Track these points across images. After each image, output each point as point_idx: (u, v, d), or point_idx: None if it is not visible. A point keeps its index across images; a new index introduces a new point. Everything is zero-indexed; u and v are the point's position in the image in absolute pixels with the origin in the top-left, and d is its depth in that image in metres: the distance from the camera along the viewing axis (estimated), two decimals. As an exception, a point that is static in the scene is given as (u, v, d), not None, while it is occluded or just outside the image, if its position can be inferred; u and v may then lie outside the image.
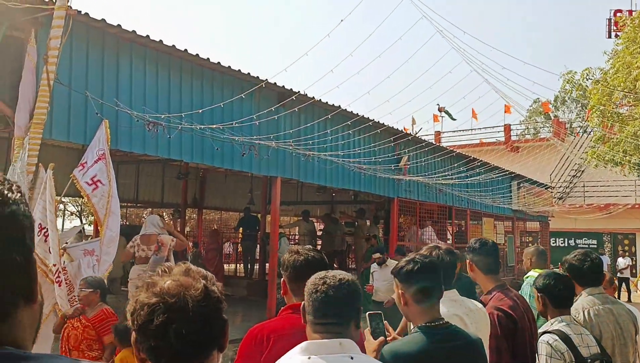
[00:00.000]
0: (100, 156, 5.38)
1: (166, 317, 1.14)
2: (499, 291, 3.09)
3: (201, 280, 1.22)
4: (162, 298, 1.16)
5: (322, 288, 1.82)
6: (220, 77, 7.61)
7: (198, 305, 1.17)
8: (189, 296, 1.17)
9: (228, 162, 7.66)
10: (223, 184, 16.95)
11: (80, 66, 6.03)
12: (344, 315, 1.81)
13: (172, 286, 1.19)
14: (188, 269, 1.25)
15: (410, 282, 2.25)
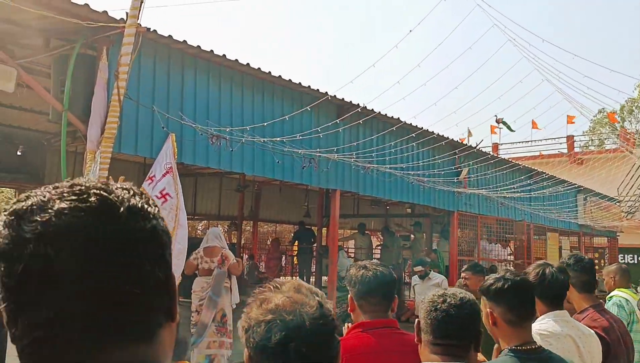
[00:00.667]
0: (167, 170, 5.47)
1: (284, 335, 1.10)
2: (593, 311, 2.88)
3: (315, 297, 1.17)
4: (278, 315, 1.12)
5: (442, 307, 1.74)
6: (280, 90, 7.66)
7: (315, 323, 1.12)
8: (305, 313, 1.13)
9: (288, 175, 7.67)
10: (278, 196, 17.07)
11: (147, 81, 6.18)
12: (465, 336, 1.72)
13: (286, 302, 1.15)
14: (299, 285, 1.21)
15: (500, 301, 2.12)
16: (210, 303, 6.46)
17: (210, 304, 6.46)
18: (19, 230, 0.64)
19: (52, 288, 0.63)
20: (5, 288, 0.65)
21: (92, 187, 0.68)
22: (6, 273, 0.65)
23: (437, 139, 9.63)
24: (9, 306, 0.65)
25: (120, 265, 0.66)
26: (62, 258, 0.63)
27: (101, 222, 0.65)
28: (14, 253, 0.64)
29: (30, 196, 0.69)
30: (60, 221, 0.64)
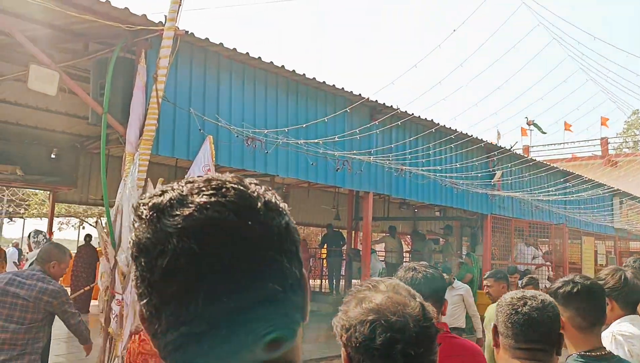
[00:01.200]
0: (206, 172, 5.48)
1: (389, 336, 1.07)
2: None
3: (415, 299, 1.14)
4: (381, 315, 1.10)
5: (524, 310, 1.68)
6: (314, 92, 7.63)
7: (419, 325, 1.10)
8: (408, 314, 1.10)
9: (322, 177, 7.63)
10: (306, 199, 17.07)
11: (184, 83, 6.21)
12: (548, 340, 1.66)
13: (388, 302, 1.12)
14: (397, 285, 1.17)
15: (569, 305, 2.05)
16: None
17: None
18: (160, 224, 0.63)
19: (198, 283, 0.61)
20: (146, 282, 0.63)
21: (228, 181, 0.66)
22: (147, 268, 0.63)
23: (474, 142, 9.50)
24: (152, 302, 0.63)
25: (263, 261, 0.63)
26: (206, 252, 0.61)
27: (242, 217, 0.63)
28: (156, 247, 0.62)
29: (167, 191, 0.67)
30: (202, 216, 0.62)
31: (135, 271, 0.65)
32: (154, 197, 0.67)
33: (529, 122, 22.78)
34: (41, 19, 6.24)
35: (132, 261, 0.66)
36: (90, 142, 12.61)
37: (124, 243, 5.45)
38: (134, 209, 0.68)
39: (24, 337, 3.93)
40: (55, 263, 4.16)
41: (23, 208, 23.77)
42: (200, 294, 0.61)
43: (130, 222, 5.52)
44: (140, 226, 0.65)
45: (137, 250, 0.65)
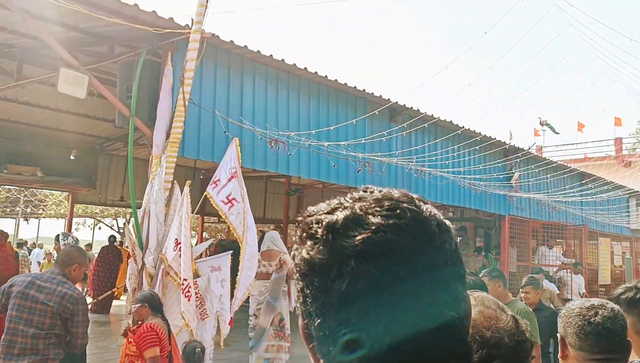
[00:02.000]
0: (233, 174, 5.51)
1: (485, 353, 1.03)
2: None
3: (505, 312, 1.11)
4: (476, 331, 1.05)
5: (596, 320, 1.67)
6: (335, 94, 7.66)
7: (514, 340, 1.06)
8: (502, 329, 1.07)
9: (343, 178, 7.65)
10: (320, 200, 17.01)
11: (209, 85, 6.26)
12: (621, 348, 1.66)
13: (480, 317, 1.08)
14: (485, 297, 1.15)
15: (631, 311, 2.05)
16: (268, 308, 6.48)
17: (268, 308, 6.49)
18: (336, 245, 0.62)
19: (377, 307, 0.60)
20: (320, 303, 0.63)
21: (401, 201, 0.65)
22: (322, 289, 0.63)
23: (496, 144, 9.48)
24: (326, 324, 0.63)
25: (440, 287, 0.63)
26: (385, 277, 0.60)
27: (418, 240, 0.62)
28: (332, 268, 0.62)
29: (337, 209, 0.67)
30: (380, 239, 0.61)
31: (305, 289, 0.65)
32: (324, 215, 0.67)
33: (542, 122, 22.67)
34: (68, 22, 6.32)
35: (300, 279, 0.66)
36: (109, 144, 12.73)
37: (151, 244, 5.50)
38: (305, 226, 0.67)
39: (44, 342, 3.84)
40: (77, 266, 4.11)
41: (41, 209, 24.01)
42: (380, 320, 0.60)
43: (157, 223, 5.58)
44: (313, 245, 0.65)
45: (310, 269, 0.64)
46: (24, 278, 3.96)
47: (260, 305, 6.56)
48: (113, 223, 26.10)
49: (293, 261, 0.71)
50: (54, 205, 23.53)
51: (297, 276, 0.67)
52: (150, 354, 4.30)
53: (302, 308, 0.67)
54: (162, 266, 5.41)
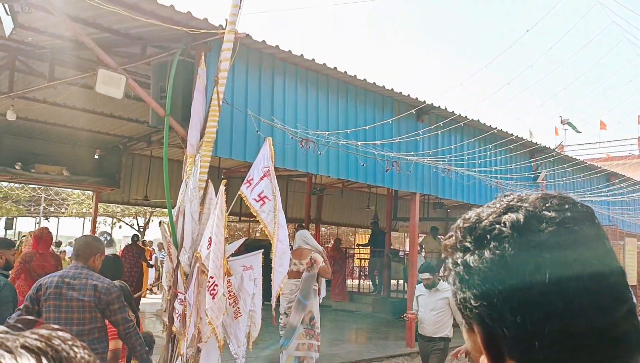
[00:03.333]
0: (265, 173, 5.54)
1: None
2: None
3: None
4: None
5: None
6: (363, 93, 7.66)
7: None
8: None
9: (371, 178, 7.66)
10: (339, 199, 17.13)
11: (241, 85, 6.30)
12: None
13: None
14: None
15: None
16: (299, 306, 6.50)
17: (299, 307, 6.51)
18: (525, 241, 0.68)
19: (576, 290, 0.65)
20: (515, 301, 0.67)
21: (559, 197, 0.72)
22: (517, 285, 0.66)
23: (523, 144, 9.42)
24: (527, 319, 0.66)
25: (612, 257, 0.70)
26: (576, 260, 0.67)
27: (590, 226, 0.70)
28: (527, 264, 0.67)
29: (510, 209, 0.72)
30: (566, 230, 0.68)
31: (493, 290, 0.68)
32: (502, 215, 0.71)
33: (564, 121, 22.48)
34: (102, 23, 6.40)
35: (482, 280, 0.69)
36: (132, 143, 12.85)
37: (186, 243, 5.55)
38: (479, 230, 0.72)
39: (88, 338, 3.81)
40: (99, 255, 4.09)
41: (64, 208, 24.30)
42: (579, 295, 0.65)
43: (192, 222, 5.63)
44: (499, 245, 0.69)
45: (501, 267, 0.68)
46: (51, 279, 3.87)
47: (291, 304, 6.58)
48: (133, 222, 26.33)
49: (458, 267, 0.74)
50: (75, 204, 23.79)
51: (476, 279, 0.70)
52: (112, 346, 4.32)
53: (485, 314, 0.69)
54: (196, 264, 5.45)
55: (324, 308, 7.01)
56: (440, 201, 14.95)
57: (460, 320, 2.92)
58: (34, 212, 26.57)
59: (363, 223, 18.58)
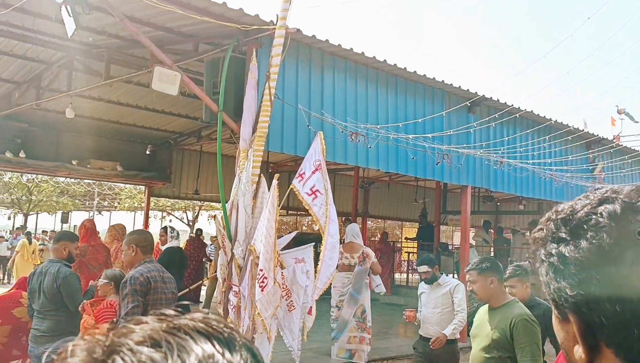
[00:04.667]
0: (317, 167, 5.57)
1: None
2: None
3: None
4: None
5: None
6: (413, 86, 7.58)
7: None
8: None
9: (421, 171, 7.59)
10: (386, 193, 17.03)
11: (291, 80, 6.33)
12: None
13: None
14: None
15: None
16: (351, 300, 6.53)
17: (351, 300, 6.53)
18: (623, 230, 0.69)
19: None
20: (613, 289, 0.68)
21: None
22: (617, 273, 0.68)
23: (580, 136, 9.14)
24: (627, 306, 0.67)
25: None
26: None
27: None
28: (625, 251, 0.68)
29: (605, 201, 0.73)
30: None
31: (591, 279, 0.69)
32: (598, 206, 0.73)
33: (620, 111, 21.62)
34: (156, 22, 6.55)
35: (579, 270, 0.70)
36: (182, 139, 13.12)
37: (240, 236, 5.64)
38: (576, 221, 0.73)
39: None
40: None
41: (117, 202, 25.10)
42: None
43: (245, 216, 5.72)
44: (595, 234, 0.70)
45: (599, 256, 0.69)
46: (153, 274, 3.84)
47: (343, 297, 6.61)
48: (183, 216, 26.96)
49: (551, 257, 0.74)
50: (127, 198, 24.52)
51: (572, 268, 0.71)
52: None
53: (582, 303, 0.70)
54: (250, 257, 5.53)
55: (371, 301, 6.99)
56: (490, 195, 14.68)
57: (462, 317, 2.90)
58: (88, 207, 27.54)
59: (410, 216, 18.43)
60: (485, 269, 3.46)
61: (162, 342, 0.50)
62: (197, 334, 0.52)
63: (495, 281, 3.42)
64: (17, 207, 25.84)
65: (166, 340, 0.50)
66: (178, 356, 0.49)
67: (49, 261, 4.85)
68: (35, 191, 23.73)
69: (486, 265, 3.50)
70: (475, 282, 3.51)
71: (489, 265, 3.50)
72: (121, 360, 0.48)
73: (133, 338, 0.50)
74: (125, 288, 3.63)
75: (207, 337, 0.52)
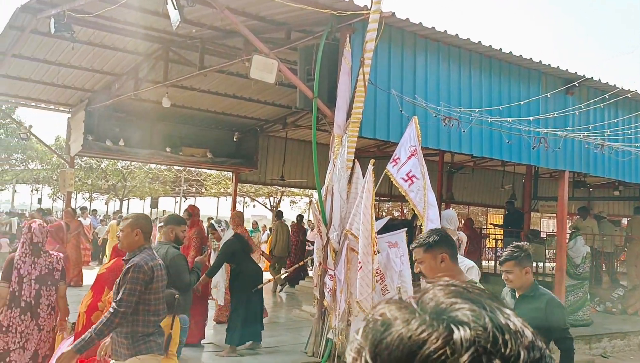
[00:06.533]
0: (412, 152, 5.53)
1: None
2: None
3: None
4: None
5: None
6: (507, 67, 7.33)
7: None
8: None
9: (516, 155, 7.35)
10: (470, 178, 16.62)
11: (383, 65, 6.29)
12: None
13: None
14: None
15: None
16: (444, 285, 6.46)
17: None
18: None
19: None
20: None
21: None
22: None
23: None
24: None
25: None
26: None
27: None
28: None
29: None
30: None
31: None
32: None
33: None
34: (250, 11, 6.71)
35: None
36: (268, 126, 13.42)
37: (335, 221, 5.72)
38: None
39: None
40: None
41: (204, 188, 26.15)
42: None
43: (340, 200, 5.78)
44: None
45: None
46: (156, 262, 3.81)
47: (434, 283, 6.55)
48: (266, 201, 27.66)
49: None
50: (213, 185, 25.45)
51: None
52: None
53: None
54: (345, 241, 5.60)
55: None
56: (583, 180, 13.99)
57: None
58: (175, 192, 28.83)
59: (495, 202, 17.92)
60: (434, 244, 2.81)
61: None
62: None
63: (446, 258, 2.81)
64: (112, 193, 27.49)
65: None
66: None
67: (159, 243, 5.14)
68: (129, 177, 25.11)
69: (434, 239, 2.83)
70: (422, 262, 2.87)
71: (437, 239, 2.84)
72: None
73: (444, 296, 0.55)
74: (128, 273, 3.57)
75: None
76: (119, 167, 24.33)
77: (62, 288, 4.97)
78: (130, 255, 3.71)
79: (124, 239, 3.78)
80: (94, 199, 32.19)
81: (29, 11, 7.50)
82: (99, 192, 29.24)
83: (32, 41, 8.66)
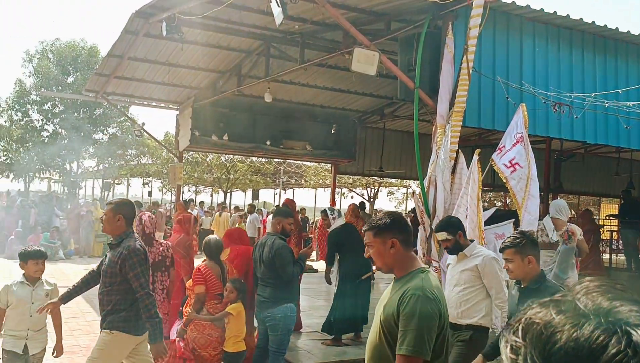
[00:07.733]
0: (518, 139, 5.33)
1: None
2: None
3: None
4: None
5: None
6: (624, 48, 6.82)
7: None
8: None
9: (635, 141, 6.84)
10: (580, 166, 15.66)
11: (488, 51, 6.09)
12: None
13: None
14: None
15: None
16: (557, 281, 6.17)
17: (557, 281, 6.18)
18: None
19: None
20: None
21: None
22: None
23: None
24: None
25: None
26: None
27: None
28: None
29: None
30: None
31: None
32: None
33: None
34: (350, 3, 6.74)
35: None
36: (365, 117, 13.43)
37: (438, 212, 5.64)
38: None
39: None
40: None
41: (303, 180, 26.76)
42: None
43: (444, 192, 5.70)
44: None
45: None
46: (142, 244, 4.15)
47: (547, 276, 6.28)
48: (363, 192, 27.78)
49: None
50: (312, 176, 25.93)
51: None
52: (197, 290, 4.89)
53: None
54: (450, 234, 5.51)
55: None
56: None
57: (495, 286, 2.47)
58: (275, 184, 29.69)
59: (609, 191, 16.79)
60: (384, 227, 2.55)
61: None
62: None
63: (397, 243, 2.53)
64: (217, 185, 28.82)
65: None
66: None
67: (268, 234, 5.35)
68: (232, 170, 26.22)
69: (385, 222, 2.57)
70: (371, 246, 2.59)
71: (389, 222, 2.57)
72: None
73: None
74: (132, 258, 3.72)
75: None
76: (222, 161, 25.44)
77: (172, 273, 5.37)
78: (116, 240, 3.87)
79: (106, 223, 3.91)
80: (199, 191, 33.96)
81: (142, 16, 8.03)
82: (204, 185, 30.75)
83: (145, 44, 9.27)
